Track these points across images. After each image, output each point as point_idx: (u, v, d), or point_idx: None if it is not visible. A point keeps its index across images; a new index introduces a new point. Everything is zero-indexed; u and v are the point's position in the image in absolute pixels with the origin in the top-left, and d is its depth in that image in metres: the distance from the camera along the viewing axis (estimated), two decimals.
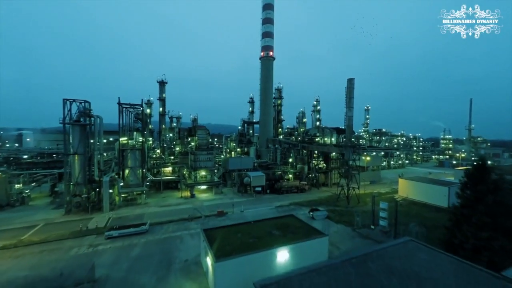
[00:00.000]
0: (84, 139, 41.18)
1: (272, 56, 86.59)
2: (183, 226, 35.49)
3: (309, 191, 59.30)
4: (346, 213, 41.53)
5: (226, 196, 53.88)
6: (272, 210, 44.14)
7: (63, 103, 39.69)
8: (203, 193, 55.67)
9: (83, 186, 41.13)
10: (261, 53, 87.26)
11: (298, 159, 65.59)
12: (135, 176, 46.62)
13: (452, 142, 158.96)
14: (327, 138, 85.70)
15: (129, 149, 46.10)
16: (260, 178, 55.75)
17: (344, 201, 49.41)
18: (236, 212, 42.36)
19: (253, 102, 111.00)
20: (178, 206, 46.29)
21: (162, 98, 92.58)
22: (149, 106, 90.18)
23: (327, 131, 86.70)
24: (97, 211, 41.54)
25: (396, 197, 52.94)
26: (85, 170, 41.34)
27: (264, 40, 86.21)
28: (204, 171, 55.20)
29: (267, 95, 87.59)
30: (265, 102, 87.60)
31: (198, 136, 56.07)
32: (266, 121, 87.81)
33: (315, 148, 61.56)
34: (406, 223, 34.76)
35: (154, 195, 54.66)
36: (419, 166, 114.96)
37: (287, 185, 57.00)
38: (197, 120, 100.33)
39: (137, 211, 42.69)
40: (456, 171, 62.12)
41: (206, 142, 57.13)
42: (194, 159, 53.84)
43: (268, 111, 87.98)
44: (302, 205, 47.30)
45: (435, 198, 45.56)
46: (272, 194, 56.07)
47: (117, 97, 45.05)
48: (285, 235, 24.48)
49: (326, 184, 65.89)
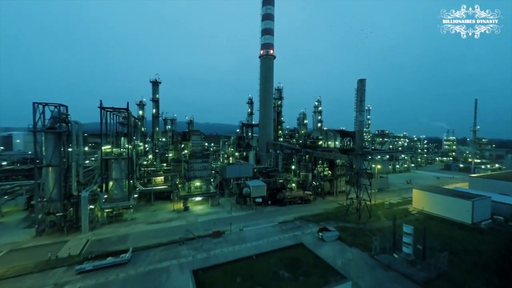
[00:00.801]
0: (60, 149, 35.79)
1: (273, 54, 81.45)
2: (173, 253, 30.31)
3: (314, 201, 54.38)
4: (359, 232, 36.60)
5: (223, 209, 48.76)
6: (275, 228, 39.08)
7: (33, 108, 34.23)
8: (198, 205, 50.49)
9: (59, 202, 35.77)
10: (260, 51, 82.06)
11: (301, 166, 60.63)
12: (120, 189, 41.32)
13: (456, 143, 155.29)
14: (331, 141, 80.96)
15: (114, 158, 40.75)
16: (261, 188, 50.71)
17: (354, 214, 44.60)
18: (235, 231, 37.28)
19: (252, 103, 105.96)
20: (169, 223, 41.07)
21: (155, 99, 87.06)
22: (141, 108, 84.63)
23: (330, 134, 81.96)
24: (75, 231, 36.20)
25: (411, 209, 48.29)
26: (61, 184, 35.98)
27: (264, 37, 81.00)
28: (199, 181, 49.99)
29: (267, 96, 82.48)
30: (265, 103, 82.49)
31: (192, 142, 50.82)
32: (266, 123, 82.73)
33: (321, 154, 56.58)
34: (432, 247, 29.94)
35: (144, 207, 49.39)
36: (424, 169, 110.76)
37: (290, 195, 52.03)
38: (192, 122, 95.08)
39: (122, 230, 37.40)
40: (472, 180, 57.56)
41: (201, 148, 51.90)
42: (188, 168, 48.61)
43: (268, 113, 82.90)
44: (308, 220, 42.34)
45: (457, 212, 40.85)
46: (274, 206, 51.06)
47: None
48: (296, 277, 19.47)
49: (332, 192, 61.04)
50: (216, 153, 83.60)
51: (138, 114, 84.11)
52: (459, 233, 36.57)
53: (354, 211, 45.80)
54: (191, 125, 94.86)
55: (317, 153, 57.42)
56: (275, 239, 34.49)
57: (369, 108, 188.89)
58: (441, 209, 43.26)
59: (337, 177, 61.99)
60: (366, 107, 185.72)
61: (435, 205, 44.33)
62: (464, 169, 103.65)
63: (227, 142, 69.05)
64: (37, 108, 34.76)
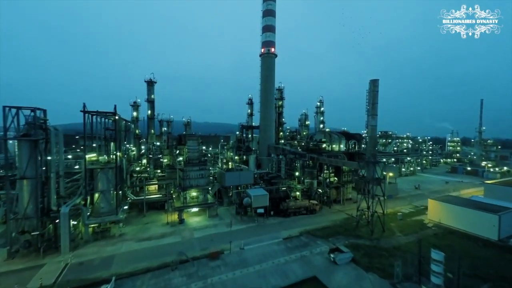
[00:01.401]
0: (36, 158, 31.49)
1: (274, 52, 77.13)
2: (163, 281, 26.11)
3: (320, 211, 50.35)
4: (375, 252, 32.56)
5: (222, 221, 44.62)
6: (280, 246, 34.94)
7: (3, 112, 29.87)
8: (194, 216, 46.30)
9: (35, 219, 31.49)
10: (261, 49, 77.72)
11: (306, 173, 56.51)
12: (107, 202, 37.05)
13: (460, 144, 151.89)
14: (335, 144, 77.09)
15: (100, 168, 36.45)
16: (263, 197, 46.61)
17: (365, 227, 40.65)
18: (235, 250, 33.18)
19: (252, 103, 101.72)
20: (161, 239, 36.85)
21: (150, 100, 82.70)
22: (135, 109, 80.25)
23: (335, 136, 78.01)
24: (54, 251, 31.97)
25: (426, 221, 44.37)
26: (38, 199, 31.69)
27: (265, 34, 76.64)
28: (196, 190, 45.79)
29: (268, 96, 78.22)
30: (265, 104, 78.23)
31: (188, 148, 46.58)
32: (267, 125, 78.51)
33: (327, 160, 52.44)
34: (466, 273, 25.89)
35: (135, 219, 45.16)
36: (429, 172, 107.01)
37: (295, 205, 47.95)
38: (190, 124, 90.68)
39: (107, 250, 33.16)
40: (488, 187, 53.74)
41: (198, 154, 47.63)
42: (183, 176, 44.39)
43: (269, 114, 78.67)
44: (316, 235, 38.27)
45: (481, 227, 36.93)
46: (277, 217, 46.97)
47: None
48: None
49: (338, 200, 57.07)
50: (215, 155, 79.27)
51: (132, 116, 79.81)
52: (487, 252, 32.66)
53: (365, 223, 41.88)
54: (189, 127, 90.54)
55: (323, 159, 53.32)
56: (281, 261, 30.41)
57: None
58: (462, 222, 39.34)
59: (343, 183, 58.03)
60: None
61: (455, 218, 40.40)
62: (471, 172, 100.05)
63: (226, 145, 64.83)
64: (8, 113, 30.43)
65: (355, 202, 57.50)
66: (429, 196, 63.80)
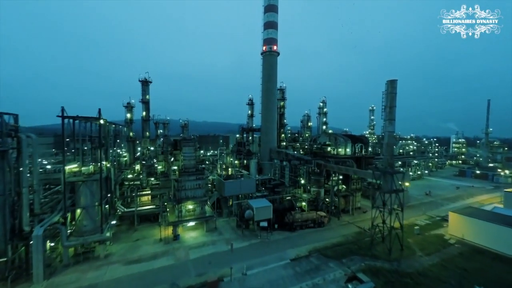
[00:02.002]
0: (3, 172, 26.91)
1: (276, 50, 72.59)
2: None
3: (328, 223, 46.06)
4: (398, 280, 28.20)
5: (222, 236, 40.25)
6: (287, 270, 30.56)
7: None
8: (190, 231, 41.86)
9: (2, 243, 26.95)
10: (263, 47, 73.16)
11: (312, 181, 52.16)
12: (91, 219, 32.54)
13: (465, 146, 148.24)
14: (341, 148, 72.65)
15: (82, 181, 31.91)
16: (266, 209, 42.28)
17: (382, 245, 36.47)
18: (237, 276, 28.85)
19: (253, 104, 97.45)
20: (152, 262, 32.36)
21: (145, 100, 77.89)
22: (129, 110, 75.48)
23: (340, 140, 73.59)
24: (25, 280, 27.46)
25: (447, 237, 40.17)
26: (6, 218, 27.13)
27: (266, 31, 72.04)
28: (192, 203, 41.35)
29: (269, 97, 73.75)
30: (267, 105, 73.75)
31: (184, 155, 42.06)
32: (268, 128, 74.08)
33: (336, 168, 48.09)
34: None
35: (125, 234, 40.66)
36: (436, 176, 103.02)
37: (301, 218, 43.61)
38: (187, 126, 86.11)
39: (89, 277, 28.66)
40: (509, 196, 49.60)
41: (195, 162, 43.12)
42: (178, 187, 39.91)
43: (271, 116, 74.22)
44: (327, 255, 33.97)
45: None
46: (281, 232, 42.62)
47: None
48: None
49: (347, 210, 52.87)
50: (214, 159, 74.72)
51: (126, 117, 75.17)
52: None
53: (380, 240, 37.69)
54: (186, 129, 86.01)
55: (332, 167, 48.97)
56: None
57: (373, 108, 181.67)
58: (490, 240, 35.17)
59: (352, 192, 53.80)
60: (370, 107, 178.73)
61: (481, 234, 36.24)
62: (481, 176, 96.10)
63: (225, 150, 60.39)
64: None
65: (364, 212, 53.51)
66: (443, 204, 60.20)
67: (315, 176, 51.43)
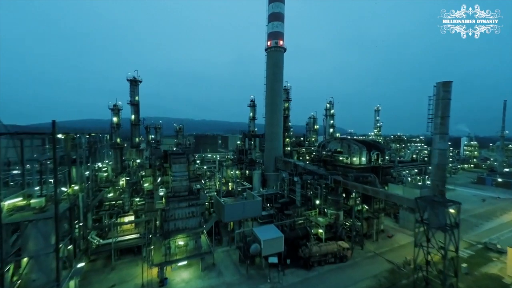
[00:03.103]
0: None
1: (283, 46, 63.88)
2: None
3: (352, 256, 37.78)
4: None
5: (221, 279, 31.82)
6: None
7: None
8: (182, 271, 33.33)
9: None
10: (267, 42, 64.43)
11: (329, 201, 43.69)
12: (42, 271, 24.07)
13: (478, 149, 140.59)
14: (356, 157, 64.35)
15: (28, 221, 23.33)
16: (276, 242, 34.02)
17: None
18: None
19: (255, 105, 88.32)
20: None
21: (134, 102, 69.11)
22: (116, 113, 66.68)
23: (354, 147, 65.14)
24: None
25: (506, 279, 31.96)
26: None
27: (271, 24, 63.27)
28: (183, 236, 32.86)
29: (275, 99, 65.16)
30: (272, 108, 65.23)
31: (173, 175, 33.43)
32: (274, 134, 65.57)
33: (361, 189, 39.37)
34: None
35: (99, 275, 32.11)
36: (452, 183, 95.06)
37: (319, 252, 35.19)
38: (182, 130, 77.43)
39: None
40: None
41: (187, 184, 34.44)
42: (166, 217, 31.38)
43: (276, 120, 65.68)
44: None
45: None
46: (296, 269, 34.28)
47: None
48: None
49: (369, 235, 44.70)
50: (213, 170, 66.01)
51: (112, 121, 66.39)
52: None
53: (423, 284, 29.52)
54: (181, 134, 77.35)
55: (354, 186, 40.44)
56: None
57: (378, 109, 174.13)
58: None
59: (376, 212, 45.56)
60: (375, 107, 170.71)
61: None
62: (503, 184, 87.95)
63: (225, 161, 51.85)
64: None
65: (390, 237, 45.45)
66: (477, 224, 51.26)
67: (333, 196, 42.95)
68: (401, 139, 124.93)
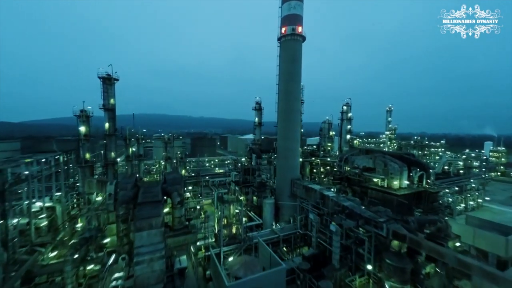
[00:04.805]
0: None
1: (301, 33, 48.71)
2: None
3: None
4: None
5: None
6: None
7: None
8: None
9: None
10: (281, 28, 49.16)
11: (387, 267, 28.84)
12: None
13: (505, 155, 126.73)
14: (395, 179, 49.84)
15: None
16: None
17: None
18: None
19: (261, 109, 73.58)
20: None
21: (109, 107, 53.91)
22: (84, 121, 51.60)
23: (393, 165, 50.38)
24: None
25: None
26: None
27: (287, 4, 47.86)
28: None
29: (291, 103, 50.00)
30: (286, 116, 50.15)
31: (137, 252, 18.46)
32: (289, 149, 50.59)
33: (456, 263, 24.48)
34: None
35: None
36: (492, 200, 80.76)
37: None
38: (172, 141, 61.87)
39: None
40: None
41: (161, 270, 19.47)
42: None
43: (293, 132, 50.55)
44: None
45: None
46: None
47: None
48: None
49: None
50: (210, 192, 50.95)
51: (79, 132, 51.30)
52: None
53: None
54: (170, 145, 62.02)
55: (432, 246, 25.62)
56: None
57: (391, 109, 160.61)
58: None
59: (452, 278, 31.00)
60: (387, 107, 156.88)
61: None
62: None
63: (229, 196, 36.77)
64: None
65: None
66: None
67: (395, 261, 28.03)
68: (423, 145, 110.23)
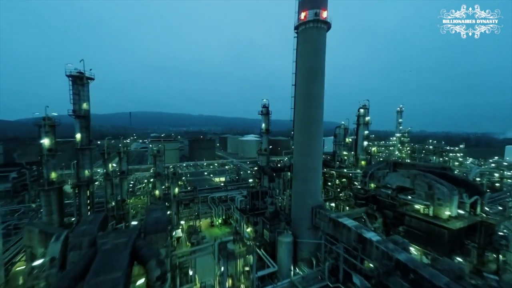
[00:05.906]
0: None
1: (325, 19, 37.58)
2: None
3: None
4: None
5: None
6: None
7: None
8: None
9: None
10: (299, 13, 37.99)
11: None
12: None
13: None
14: (445, 207, 38.93)
15: None
16: None
17: None
18: None
19: (268, 113, 62.19)
20: None
21: (80, 114, 42.54)
22: (48, 132, 40.58)
23: (441, 189, 39.18)
24: None
25: None
26: None
27: None
28: None
29: (312, 110, 38.92)
30: (306, 127, 39.14)
31: None
32: (309, 168, 39.60)
33: None
34: None
35: None
36: None
37: None
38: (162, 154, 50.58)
39: None
40: None
41: None
42: None
43: (316, 147, 39.34)
44: None
45: None
46: None
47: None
48: None
49: None
50: None
51: (42, 145, 40.25)
52: None
53: None
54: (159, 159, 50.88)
55: None
56: None
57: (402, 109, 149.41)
58: None
59: None
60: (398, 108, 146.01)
61: None
62: None
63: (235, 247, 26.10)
64: None
65: None
66: None
67: None
68: (442, 150, 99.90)
